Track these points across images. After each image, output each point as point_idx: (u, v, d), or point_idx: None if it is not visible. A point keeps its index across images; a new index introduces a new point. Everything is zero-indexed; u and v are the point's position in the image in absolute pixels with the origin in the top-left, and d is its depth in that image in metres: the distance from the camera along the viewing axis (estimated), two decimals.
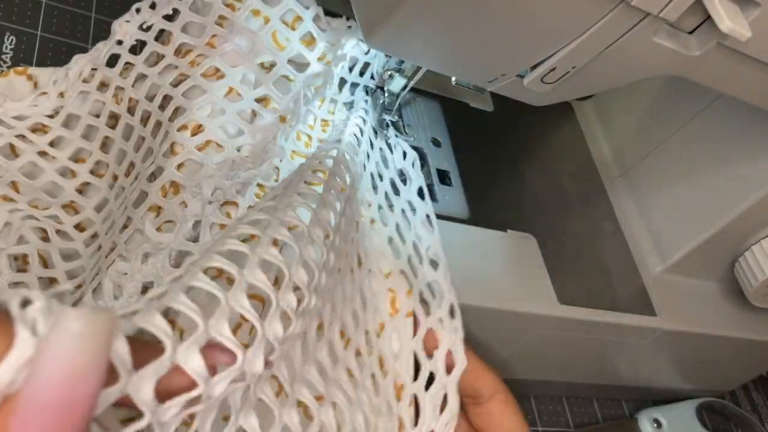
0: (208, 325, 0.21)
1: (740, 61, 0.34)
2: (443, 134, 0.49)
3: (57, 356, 0.16)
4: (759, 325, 0.53)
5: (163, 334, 0.19)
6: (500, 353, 0.46)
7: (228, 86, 0.39)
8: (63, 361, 0.16)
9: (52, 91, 0.41)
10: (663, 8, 0.29)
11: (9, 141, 0.39)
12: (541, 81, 0.34)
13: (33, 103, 0.40)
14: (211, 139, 0.37)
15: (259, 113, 0.39)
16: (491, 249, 0.44)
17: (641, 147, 0.54)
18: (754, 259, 0.49)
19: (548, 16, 0.30)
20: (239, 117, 0.38)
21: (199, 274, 0.22)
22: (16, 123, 0.39)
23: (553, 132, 0.57)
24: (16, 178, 0.38)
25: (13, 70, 0.42)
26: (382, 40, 0.34)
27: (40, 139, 0.40)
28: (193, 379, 0.20)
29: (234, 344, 0.21)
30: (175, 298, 0.20)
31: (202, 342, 0.20)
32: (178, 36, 0.40)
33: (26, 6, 0.48)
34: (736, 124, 0.48)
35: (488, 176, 0.49)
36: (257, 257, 0.24)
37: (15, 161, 0.39)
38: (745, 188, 0.47)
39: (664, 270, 0.51)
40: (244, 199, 0.36)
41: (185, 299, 0.21)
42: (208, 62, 0.39)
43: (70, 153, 0.40)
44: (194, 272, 0.22)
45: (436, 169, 0.47)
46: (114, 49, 0.41)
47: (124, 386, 0.18)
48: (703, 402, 0.59)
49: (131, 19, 0.41)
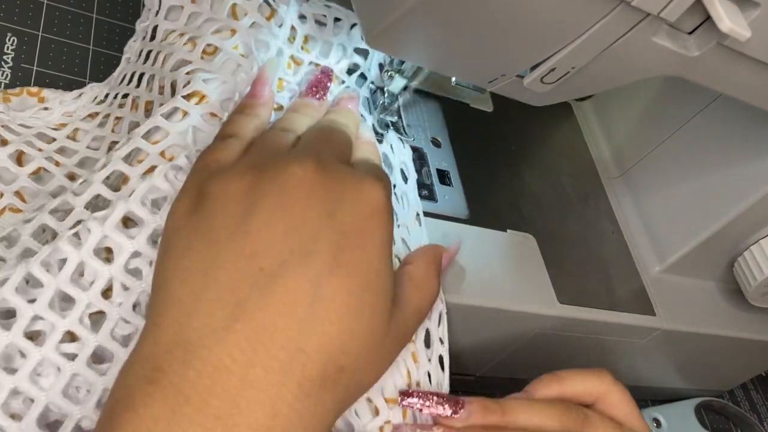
0: None
1: (740, 62, 0.34)
2: (443, 134, 0.49)
3: None
4: (758, 324, 0.53)
5: None
6: (500, 353, 0.46)
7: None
8: None
9: (58, 109, 0.41)
10: (663, 8, 0.29)
11: (18, 148, 0.38)
12: (540, 81, 0.35)
13: (35, 116, 0.40)
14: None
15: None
16: (491, 249, 0.44)
17: (640, 147, 0.55)
18: (753, 259, 0.49)
19: (548, 16, 0.30)
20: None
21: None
22: (23, 130, 0.39)
23: (552, 132, 0.57)
24: (23, 185, 0.38)
25: (27, 90, 0.42)
26: (382, 41, 0.34)
27: (47, 146, 0.39)
28: None
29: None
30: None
31: None
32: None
33: (27, 7, 0.48)
34: (735, 124, 0.48)
35: (488, 176, 0.50)
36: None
37: (25, 167, 0.38)
38: (744, 188, 0.47)
39: (663, 270, 0.51)
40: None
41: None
42: (203, 41, 0.38)
43: (77, 161, 0.40)
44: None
45: (436, 169, 0.47)
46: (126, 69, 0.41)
47: None
48: (703, 401, 0.60)
49: (137, 38, 0.42)
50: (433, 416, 0.33)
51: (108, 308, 0.29)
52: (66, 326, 0.28)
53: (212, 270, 0.26)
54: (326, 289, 0.26)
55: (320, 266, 0.26)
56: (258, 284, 0.25)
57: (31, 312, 0.27)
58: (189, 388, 0.23)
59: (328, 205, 0.27)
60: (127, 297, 0.29)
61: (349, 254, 0.27)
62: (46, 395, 0.27)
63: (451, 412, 0.32)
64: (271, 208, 0.27)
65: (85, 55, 0.48)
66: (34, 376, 0.27)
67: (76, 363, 0.28)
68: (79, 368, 0.28)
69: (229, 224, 0.26)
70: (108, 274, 0.29)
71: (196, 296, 0.25)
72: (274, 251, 0.26)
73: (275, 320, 0.25)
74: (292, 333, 0.25)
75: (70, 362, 0.28)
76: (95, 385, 0.28)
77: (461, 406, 0.32)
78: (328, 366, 0.25)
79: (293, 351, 0.25)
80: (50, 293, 0.28)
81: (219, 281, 0.25)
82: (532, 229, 0.47)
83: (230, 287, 0.25)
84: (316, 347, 0.25)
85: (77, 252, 0.29)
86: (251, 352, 0.24)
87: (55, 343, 0.28)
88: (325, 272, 0.26)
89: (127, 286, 0.30)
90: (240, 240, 0.26)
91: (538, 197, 0.51)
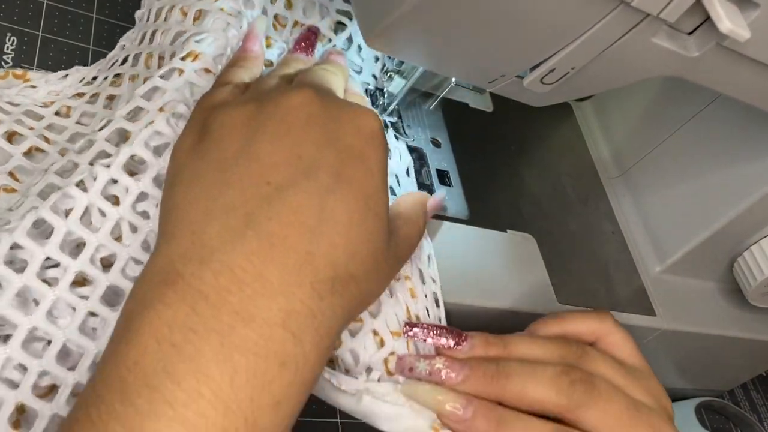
0: None
1: (739, 62, 0.34)
2: (443, 134, 0.49)
3: None
4: (758, 324, 0.53)
5: None
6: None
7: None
8: None
9: (44, 87, 0.41)
10: (663, 9, 0.29)
11: (9, 128, 0.38)
12: (540, 82, 0.35)
13: (21, 93, 0.40)
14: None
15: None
16: (491, 249, 0.44)
17: (640, 147, 0.55)
18: (752, 259, 0.49)
19: (548, 17, 0.30)
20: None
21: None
22: (11, 109, 0.39)
23: (552, 132, 0.57)
24: (17, 164, 0.37)
25: (12, 73, 0.42)
26: (382, 41, 0.34)
27: (36, 124, 0.39)
28: None
29: None
30: None
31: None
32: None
33: (27, 6, 0.48)
34: (735, 124, 0.48)
35: (488, 176, 0.50)
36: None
37: (20, 145, 0.38)
38: (744, 188, 0.47)
39: (663, 270, 0.51)
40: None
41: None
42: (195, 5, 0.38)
43: (68, 137, 0.39)
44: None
45: (435, 169, 0.47)
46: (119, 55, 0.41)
47: None
48: (703, 401, 0.60)
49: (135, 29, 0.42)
50: (435, 347, 0.34)
51: (118, 249, 0.30)
52: (78, 267, 0.29)
53: (221, 190, 0.27)
54: (331, 204, 0.27)
55: (324, 183, 0.27)
56: (267, 198, 0.26)
57: (42, 254, 0.28)
58: (207, 287, 0.24)
59: (328, 129, 0.29)
60: (135, 238, 0.31)
61: (350, 173, 0.28)
62: (64, 333, 0.28)
63: (454, 343, 0.33)
64: (273, 133, 0.28)
65: (85, 55, 0.48)
66: (50, 316, 0.28)
67: (90, 301, 0.29)
68: (93, 306, 0.29)
69: (234, 149, 0.28)
70: (116, 215, 0.30)
71: (207, 212, 0.26)
72: (279, 170, 0.27)
73: (285, 229, 0.26)
74: (303, 239, 0.26)
75: (84, 301, 0.29)
76: (109, 321, 0.29)
77: (464, 339, 0.34)
78: (338, 271, 0.27)
79: (304, 254, 0.26)
80: (60, 235, 0.29)
81: (228, 198, 0.27)
82: (532, 229, 0.47)
83: (240, 201, 0.26)
84: (325, 254, 0.26)
85: (85, 196, 0.30)
86: (265, 255, 0.25)
87: (68, 283, 0.29)
88: (329, 188, 0.27)
89: (135, 225, 0.31)
90: (246, 161, 0.27)
91: (538, 197, 0.51)
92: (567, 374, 0.32)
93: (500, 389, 0.32)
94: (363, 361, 0.32)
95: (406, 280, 0.35)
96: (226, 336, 0.24)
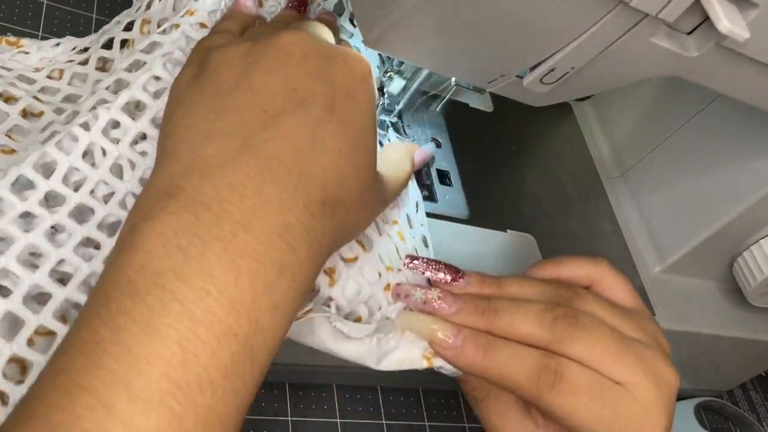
0: None
1: (738, 62, 0.34)
2: (443, 134, 0.49)
3: None
4: (757, 324, 0.53)
5: None
6: None
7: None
8: None
9: (36, 54, 0.41)
10: (662, 9, 0.29)
11: (4, 89, 0.38)
12: (540, 81, 0.35)
13: (14, 59, 0.40)
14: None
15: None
16: (491, 249, 0.44)
17: (640, 147, 0.55)
18: (752, 258, 0.49)
19: (547, 16, 0.30)
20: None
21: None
22: (5, 73, 0.39)
23: (552, 132, 0.57)
24: (14, 123, 0.37)
25: (5, 40, 0.42)
26: (382, 41, 0.34)
27: (29, 87, 0.39)
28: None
29: None
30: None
31: None
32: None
33: (27, 7, 0.48)
34: (735, 124, 0.48)
35: (488, 176, 0.50)
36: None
37: (16, 104, 0.38)
38: (744, 188, 0.47)
39: (662, 270, 0.51)
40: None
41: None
42: None
43: (62, 98, 0.40)
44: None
45: (436, 169, 0.47)
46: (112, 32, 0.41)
47: None
48: (702, 401, 0.60)
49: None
50: (432, 281, 0.36)
51: (117, 184, 0.32)
52: (78, 199, 0.31)
53: (219, 115, 0.28)
54: (322, 134, 0.29)
55: (317, 114, 0.29)
56: (263, 123, 0.28)
57: (45, 186, 0.30)
58: (208, 199, 0.26)
59: (321, 66, 0.30)
60: (134, 174, 0.32)
61: (341, 107, 0.30)
62: (58, 253, 0.30)
63: (451, 278, 0.35)
64: (269, 66, 0.30)
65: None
66: (51, 237, 0.30)
67: (87, 227, 0.30)
68: (90, 232, 0.31)
69: (232, 80, 0.29)
70: (116, 152, 0.32)
71: (206, 134, 0.28)
72: (275, 100, 0.29)
73: (281, 151, 0.27)
74: (297, 162, 0.28)
75: (80, 226, 0.30)
76: (105, 246, 0.31)
77: (461, 276, 0.35)
78: (328, 195, 0.28)
79: (298, 176, 0.27)
80: (63, 170, 0.31)
81: (226, 122, 0.28)
82: (532, 229, 0.47)
83: (238, 126, 0.28)
84: (317, 176, 0.28)
85: (87, 135, 0.31)
86: (263, 174, 0.27)
87: (68, 211, 0.30)
88: (321, 120, 0.29)
89: (134, 162, 0.32)
90: (243, 91, 0.29)
91: (538, 197, 0.51)
92: (551, 310, 0.33)
93: (489, 323, 0.33)
94: (364, 292, 0.34)
95: (394, 224, 0.37)
96: (229, 242, 0.25)
